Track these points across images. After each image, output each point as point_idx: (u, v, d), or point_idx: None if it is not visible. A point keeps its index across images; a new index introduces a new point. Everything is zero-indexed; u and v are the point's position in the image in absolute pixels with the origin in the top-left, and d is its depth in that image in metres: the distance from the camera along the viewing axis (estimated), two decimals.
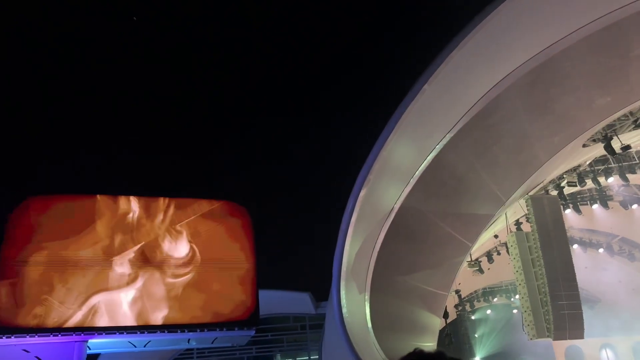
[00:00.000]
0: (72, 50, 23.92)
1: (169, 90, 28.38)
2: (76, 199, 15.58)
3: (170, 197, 16.29)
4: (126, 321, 14.81)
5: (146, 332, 14.92)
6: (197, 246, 16.06)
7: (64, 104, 24.70)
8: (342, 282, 17.31)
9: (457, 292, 29.22)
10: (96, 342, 14.88)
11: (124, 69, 25.27)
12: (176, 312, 15.34)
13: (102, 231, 15.25)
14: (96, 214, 15.38)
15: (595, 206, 22.78)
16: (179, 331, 15.19)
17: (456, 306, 31.21)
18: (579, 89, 14.40)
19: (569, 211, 22.38)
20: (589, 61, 13.37)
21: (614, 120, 16.40)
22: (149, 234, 15.63)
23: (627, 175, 19.57)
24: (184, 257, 15.86)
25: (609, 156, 18.61)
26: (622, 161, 19.76)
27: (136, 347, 15.82)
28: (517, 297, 25.38)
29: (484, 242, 23.89)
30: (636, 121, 16.87)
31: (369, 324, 18.28)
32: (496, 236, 24.14)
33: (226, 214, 16.75)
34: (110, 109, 26.40)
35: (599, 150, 18.06)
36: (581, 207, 22.79)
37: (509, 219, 20.85)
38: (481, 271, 25.03)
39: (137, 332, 14.83)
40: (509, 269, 20.76)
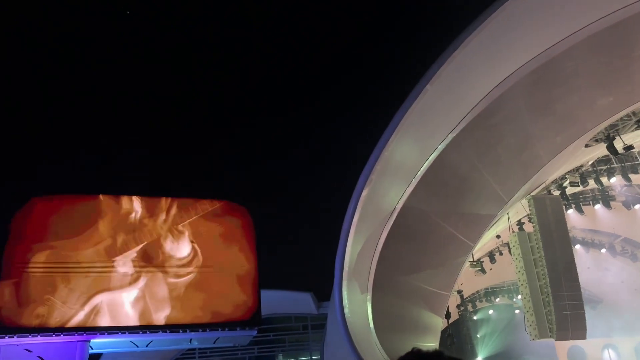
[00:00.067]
0: (72, 50, 23.94)
1: (169, 90, 28.41)
2: (78, 199, 15.59)
3: (172, 197, 16.30)
4: (128, 321, 14.82)
5: (148, 332, 14.93)
6: (199, 246, 16.06)
7: (64, 103, 24.75)
8: (344, 282, 17.30)
9: (459, 292, 29.23)
10: (98, 342, 14.89)
11: (124, 69, 25.29)
12: (178, 312, 15.35)
13: (105, 231, 15.26)
14: (98, 214, 15.39)
15: (597, 206, 22.74)
16: (181, 331, 15.19)
17: (458, 306, 31.16)
18: (582, 89, 14.37)
19: (571, 211, 22.33)
20: (591, 61, 13.35)
21: (617, 120, 16.37)
22: (151, 234, 15.64)
23: (629, 175, 19.54)
24: (186, 257, 15.86)
25: (611, 156, 18.59)
26: (624, 161, 19.74)
27: (138, 347, 15.83)
28: (519, 297, 25.36)
29: (486, 242, 23.85)
30: (639, 121, 16.85)
31: (371, 324, 18.27)
32: (498, 236, 24.10)
33: (228, 214, 16.75)
34: (110, 109, 26.44)
35: (601, 150, 18.03)
36: (583, 207, 22.75)
37: (511, 219, 20.81)
38: (483, 271, 24.97)
39: (139, 332, 14.84)
40: (511, 269, 20.72)
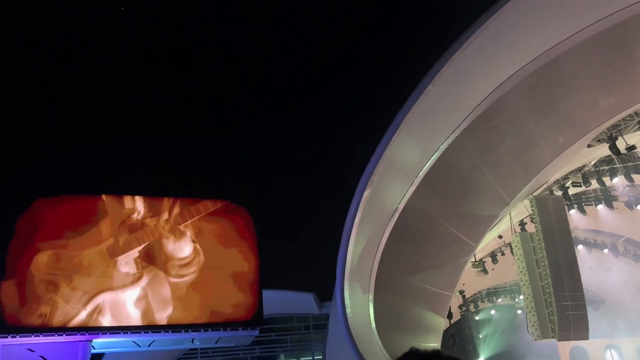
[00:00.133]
0: (72, 50, 23.97)
1: (170, 90, 28.42)
2: (81, 199, 15.64)
3: (174, 197, 16.33)
4: (130, 321, 14.87)
5: (150, 332, 14.97)
6: (201, 246, 16.09)
7: (64, 104, 24.78)
8: (346, 283, 17.30)
9: (461, 292, 29.22)
10: (101, 342, 14.93)
11: (124, 69, 25.32)
12: (180, 312, 15.38)
13: (107, 231, 15.30)
14: (101, 214, 15.43)
15: (600, 206, 22.70)
16: (183, 331, 15.23)
17: (460, 307, 31.16)
18: (583, 90, 14.36)
19: (573, 211, 22.30)
20: (592, 62, 13.33)
21: (619, 120, 16.35)
22: (153, 234, 15.68)
23: (632, 175, 19.49)
24: (188, 257, 15.89)
25: (613, 156, 18.54)
26: (627, 161, 19.70)
27: (140, 346, 15.87)
28: (521, 297, 25.31)
29: (488, 242, 23.84)
30: None
31: (373, 324, 18.27)
32: (500, 237, 24.10)
33: (230, 214, 16.78)
34: (110, 109, 26.47)
35: (603, 150, 18.00)
36: (586, 208, 22.71)
37: (513, 219, 20.79)
38: (485, 272, 24.98)
39: (141, 332, 14.88)
40: (513, 269, 20.70)
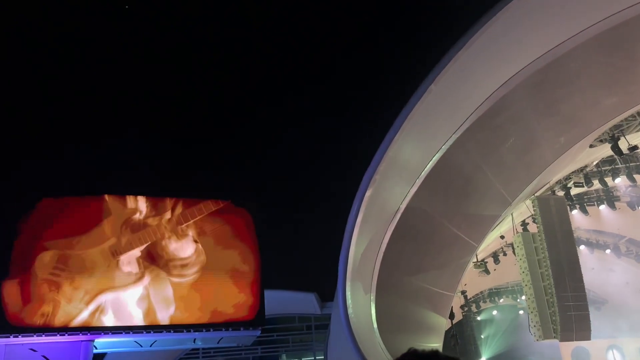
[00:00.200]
0: (72, 50, 23.96)
1: (170, 90, 28.42)
2: (84, 199, 15.66)
3: (176, 198, 16.34)
4: (132, 321, 14.87)
5: (152, 332, 14.98)
6: (202, 246, 16.10)
7: (64, 104, 24.79)
8: (348, 283, 17.28)
9: (463, 292, 29.18)
10: (103, 342, 14.94)
11: (124, 69, 25.32)
12: (182, 312, 15.39)
13: (110, 230, 15.31)
14: (104, 214, 15.45)
15: (602, 207, 22.65)
16: (185, 331, 15.23)
17: (462, 307, 31.13)
18: (586, 90, 14.33)
19: (575, 212, 22.27)
20: (596, 61, 13.31)
21: (621, 120, 16.33)
22: (155, 234, 15.68)
23: (634, 175, 19.45)
24: (190, 257, 15.89)
25: (616, 157, 18.51)
26: (629, 162, 19.64)
27: (142, 346, 15.88)
28: (523, 298, 25.28)
29: (490, 242, 23.80)
30: None
31: (375, 324, 18.25)
32: (502, 237, 24.05)
33: (231, 214, 16.78)
34: (111, 109, 26.48)
35: (606, 150, 17.97)
36: (588, 208, 22.66)
37: (515, 219, 20.77)
38: (487, 272, 24.96)
39: (143, 332, 14.89)
40: (515, 269, 20.68)
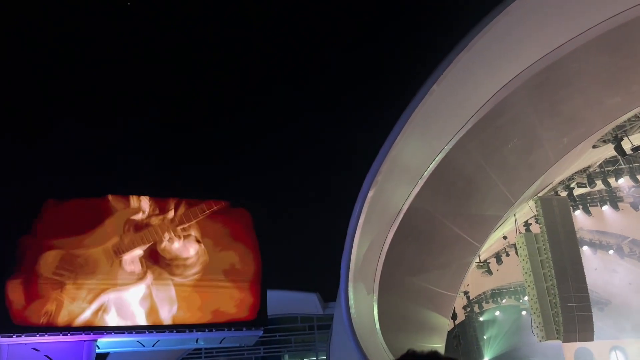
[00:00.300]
0: (72, 50, 24.02)
1: (171, 90, 28.48)
2: (88, 200, 15.71)
3: (179, 198, 16.38)
4: (135, 320, 14.91)
5: (155, 332, 15.01)
6: (205, 246, 16.13)
7: (64, 104, 24.86)
8: (350, 283, 17.29)
9: (466, 293, 29.12)
10: (105, 342, 14.97)
11: (124, 69, 25.37)
12: (184, 312, 15.42)
13: (113, 230, 15.36)
14: (106, 213, 15.49)
15: (605, 207, 22.59)
16: (188, 331, 15.26)
17: (465, 307, 31.07)
18: (589, 90, 14.30)
19: (578, 212, 22.22)
20: (598, 62, 13.28)
21: (624, 121, 16.28)
22: (157, 234, 15.72)
23: (637, 176, 19.39)
24: (192, 257, 15.92)
25: (619, 157, 18.46)
26: (632, 162, 19.60)
27: (145, 346, 15.90)
28: (525, 298, 25.25)
29: (493, 243, 23.77)
30: None
31: (377, 324, 18.25)
32: (505, 237, 24.01)
33: (234, 214, 16.82)
34: (111, 110, 26.54)
35: (609, 151, 17.93)
36: (591, 209, 22.61)
37: (518, 220, 20.73)
38: (490, 272, 24.91)
39: (146, 332, 14.92)
40: (518, 270, 20.66)
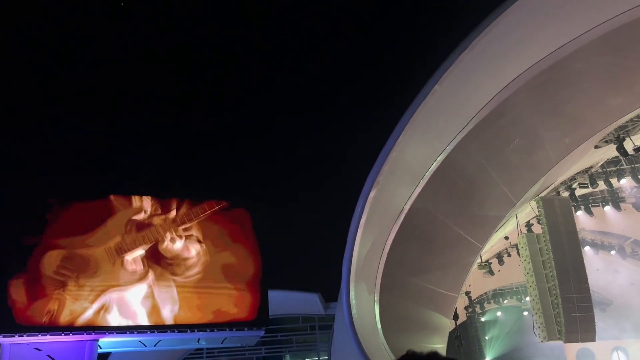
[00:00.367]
0: (72, 50, 24.05)
1: (171, 90, 28.50)
2: (90, 199, 15.73)
3: (180, 198, 16.40)
4: (137, 319, 14.93)
5: (156, 332, 15.02)
6: (206, 246, 16.14)
7: (64, 104, 24.89)
8: (352, 283, 17.29)
9: (467, 293, 29.11)
10: (107, 342, 14.99)
11: (124, 69, 25.40)
12: (186, 312, 15.43)
13: (115, 229, 15.38)
14: (109, 213, 15.51)
15: (607, 208, 22.56)
16: (189, 331, 15.27)
17: (466, 308, 31.05)
18: (591, 90, 14.28)
19: (580, 213, 22.19)
20: (601, 62, 13.26)
21: (627, 121, 16.25)
22: (160, 234, 15.73)
23: (639, 177, 19.38)
24: (194, 257, 15.94)
25: (621, 158, 18.44)
26: (634, 163, 19.57)
27: (146, 346, 15.92)
28: (527, 299, 25.23)
29: (494, 243, 23.74)
30: None
31: (379, 325, 18.24)
32: (507, 238, 23.97)
33: (234, 214, 16.83)
34: (111, 110, 26.57)
35: (611, 151, 17.90)
36: (593, 209, 22.57)
37: (519, 220, 20.71)
38: (491, 273, 24.87)
39: (147, 332, 14.93)
40: (520, 270, 20.63)
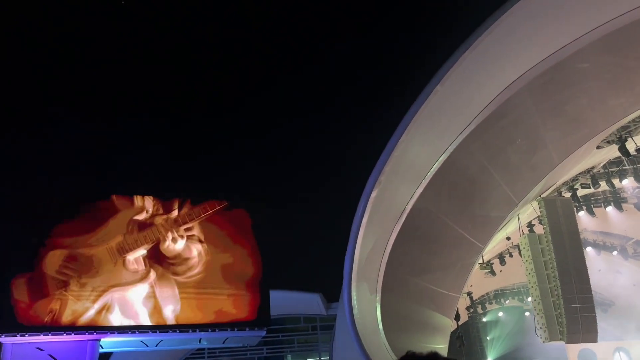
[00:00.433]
0: (72, 50, 24.08)
1: (171, 91, 28.52)
2: (92, 199, 15.76)
3: (182, 198, 16.41)
4: (138, 319, 14.94)
5: (158, 332, 15.03)
6: (208, 247, 16.14)
7: (64, 104, 24.92)
8: (353, 283, 17.28)
9: (469, 294, 29.10)
10: (109, 341, 15.00)
11: (124, 69, 25.42)
12: (187, 312, 15.43)
13: (116, 229, 15.40)
14: (111, 213, 15.53)
15: (609, 208, 22.53)
16: (191, 331, 15.28)
17: (468, 308, 31.04)
18: (593, 90, 14.27)
19: (582, 213, 22.16)
20: (602, 62, 13.25)
21: (629, 122, 16.24)
22: (161, 233, 15.74)
23: None
24: (195, 257, 15.94)
25: (623, 158, 18.42)
26: (636, 163, 19.53)
27: (148, 346, 15.92)
28: (529, 299, 25.19)
29: (496, 244, 23.73)
30: None
31: (380, 325, 18.24)
32: (508, 238, 23.96)
33: (235, 215, 16.83)
34: (111, 110, 26.61)
35: (613, 152, 17.88)
36: (595, 209, 22.55)
37: (521, 220, 20.70)
38: (493, 273, 24.84)
39: (149, 332, 14.94)
40: (521, 271, 20.62)
